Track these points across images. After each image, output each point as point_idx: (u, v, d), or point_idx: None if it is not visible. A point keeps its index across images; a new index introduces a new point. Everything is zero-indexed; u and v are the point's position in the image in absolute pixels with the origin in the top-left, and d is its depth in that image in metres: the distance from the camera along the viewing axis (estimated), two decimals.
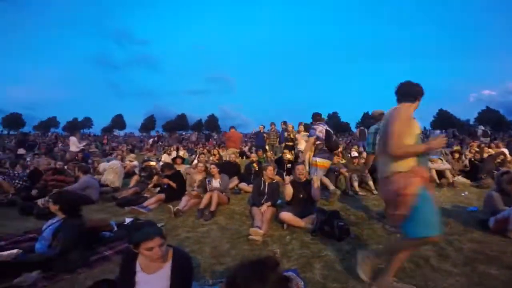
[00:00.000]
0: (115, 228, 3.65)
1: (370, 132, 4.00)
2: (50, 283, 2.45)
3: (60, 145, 17.76)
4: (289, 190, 3.91)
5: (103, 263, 2.87)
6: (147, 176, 6.27)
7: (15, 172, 6.59)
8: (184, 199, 4.75)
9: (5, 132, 45.32)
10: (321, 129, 4.93)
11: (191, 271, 1.98)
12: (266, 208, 3.91)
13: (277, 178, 4.54)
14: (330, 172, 5.59)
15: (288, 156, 7.17)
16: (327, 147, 4.89)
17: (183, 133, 43.86)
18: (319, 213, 3.57)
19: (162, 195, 5.05)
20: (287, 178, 4.09)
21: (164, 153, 11.98)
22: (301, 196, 3.89)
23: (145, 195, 5.47)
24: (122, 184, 6.53)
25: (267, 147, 10.40)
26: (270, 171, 4.38)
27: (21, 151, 11.46)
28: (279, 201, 4.33)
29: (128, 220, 3.99)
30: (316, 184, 3.92)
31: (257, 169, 6.20)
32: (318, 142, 4.93)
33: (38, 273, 2.49)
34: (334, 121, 53.04)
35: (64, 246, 2.64)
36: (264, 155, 8.87)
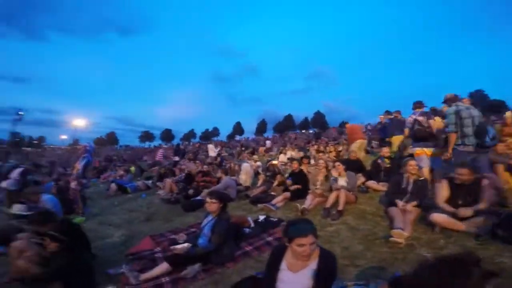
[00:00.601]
0: (252, 224, 3.99)
1: (449, 113, 3.98)
2: (207, 275, 2.75)
3: (200, 152, 21.79)
4: (443, 191, 3.23)
5: (244, 258, 3.09)
6: (271, 175, 6.70)
7: (176, 175, 8.49)
8: (309, 197, 4.74)
9: (162, 144, 60.23)
10: (410, 120, 4.84)
11: (335, 272, 1.91)
12: (410, 208, 3.40)
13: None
14: None
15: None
16: (411, 136, 4.87)
17: (291, 133, 45.02)
18: (489, 214, 2.81)
19: (288, 194, 5.24)
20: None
21: (280, 153, 12.64)
22: (460, 202, 3.13)
23: (272, 193, 5.82)
24: (251, 183, 7.26)
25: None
26: (412, 166, 3.80)
27: (176, 158, 14.50)
28: None
29: (261, 217, 4.29)
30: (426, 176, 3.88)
31: (388, 165, 5.51)
32: None
33: (199, 266, 2.77)
34: (480, 100, 41.00)
35: (218, 241, 2.93)
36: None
